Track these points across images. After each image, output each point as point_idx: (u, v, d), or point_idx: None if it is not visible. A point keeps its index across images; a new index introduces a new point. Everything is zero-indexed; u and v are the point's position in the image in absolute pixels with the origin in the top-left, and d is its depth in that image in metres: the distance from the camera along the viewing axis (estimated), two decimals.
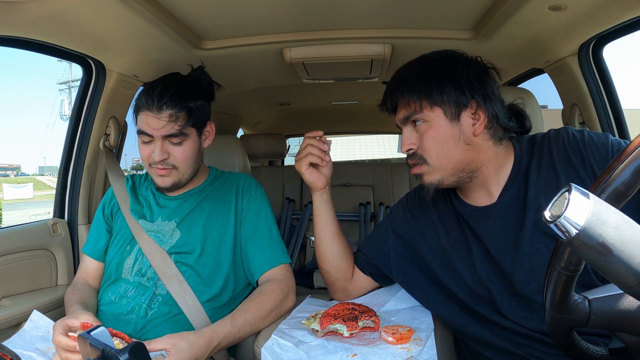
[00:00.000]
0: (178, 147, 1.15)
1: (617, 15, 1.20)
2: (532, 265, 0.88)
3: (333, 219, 1.14)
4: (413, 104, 0.92)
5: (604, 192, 0.48)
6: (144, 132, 1.14)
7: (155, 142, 1.14)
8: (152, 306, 1.10)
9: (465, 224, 0.98)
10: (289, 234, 2.56)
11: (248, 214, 1.23)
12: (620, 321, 0.57)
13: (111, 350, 0.65)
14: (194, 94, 1.18)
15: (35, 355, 0.95)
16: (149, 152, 1.15)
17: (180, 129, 1.13)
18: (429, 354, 0.88)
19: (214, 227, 1.20)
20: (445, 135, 0.91)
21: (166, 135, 1.13)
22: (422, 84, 0.92)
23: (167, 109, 1.12)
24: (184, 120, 1.14)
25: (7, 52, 25.46)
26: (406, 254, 1.09)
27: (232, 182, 1.29)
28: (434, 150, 0.92)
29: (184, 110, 1.14)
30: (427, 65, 0.95)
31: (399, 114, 0.97)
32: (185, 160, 1.17)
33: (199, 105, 1.18)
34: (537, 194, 0.90)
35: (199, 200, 1.25)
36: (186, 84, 1.20)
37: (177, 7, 1.19)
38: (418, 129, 0.94)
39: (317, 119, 3.37)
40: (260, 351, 0.94)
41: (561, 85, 1.61)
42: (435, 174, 0.93)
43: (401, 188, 2.56)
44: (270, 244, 1.21)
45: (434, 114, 0.91)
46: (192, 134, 1.18)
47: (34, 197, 23.38)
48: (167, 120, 1.12)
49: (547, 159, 0.92)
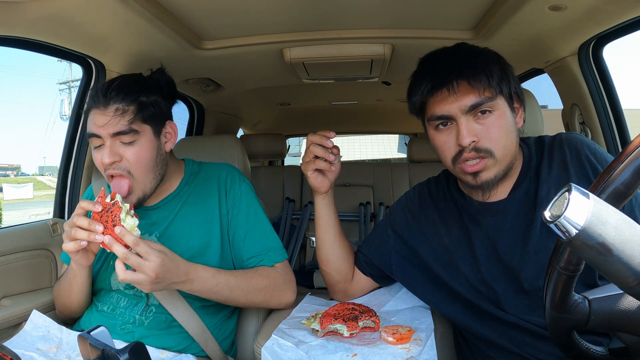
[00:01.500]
0: (130, 148, 1.01)
1: (617, 16, 1.20)
2: (540, 262, 0.88)
3: (335, 221, 1.12)
4: (489, 91, 0.86)
5: (604, 192, 0.48)
6: (92, 133, 1.01)
7: (105, 143, 1.00)
8: (148, 316, 1.07)
9: (468, 221, 0.98)
10: (289, 234, 2.56)
11: (236, 216, 1.14)
12: (620, 321, 0.57)
13: (111, 350, 0.65)
14: (148, 88, 1.05)
15: (36, 356, 0.94)
16: (100, 157, 1.01)
17: (128, 124, 1.00)
18: (429, 354, 0.88)
19: (197, 234, 1.11)
20: (510, 125, 0.90)
21: (115, 133, 0.99)
22: (495, 71, 0.87)
23: (113, 102, 0.99)
24: (133, 114, 1.00)
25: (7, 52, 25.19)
26: (407, 254, 1.09)
27: (212, 178, 1.17)
28: (502, 140, 0.87)
29: (133, 103, 1.01)
30: (485, 55, 0.91)
31: (461, 100, 0.86)
32: (140, 164, 1.02)
33: (152, 100, 1.04)
34: (548, 192, 0.91)
35: (178, 207, 1.13)
36: (138, 79, 1.08)
37: (177, 7, 1.19)
38: (480, 120, 0.87)
39: (317, 119, 3.37)
40: (260, 351, 0.94)
41: (561, 85, 1.62)
42: (495, 168, 0.89)
43: (401, 188, 2.56)
44: (264, 245, 1.14)
45: (502, 102, 0.89)
46: (146, 133, 1.03)
47: (34, 197, 23.38)
48: (113, 114, 0.99)
49: (559, 159, 0.93)
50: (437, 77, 0.88)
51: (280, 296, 1.13)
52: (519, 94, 0.94)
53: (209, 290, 1.01)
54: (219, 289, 1.02)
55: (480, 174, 0.89)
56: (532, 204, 0.92)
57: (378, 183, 2.62)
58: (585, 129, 1.54)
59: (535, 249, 0.89)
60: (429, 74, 0.90)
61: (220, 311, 1.15)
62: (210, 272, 1.01)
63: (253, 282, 1.07)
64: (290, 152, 3.30)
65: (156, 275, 0.88)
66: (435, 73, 0.89)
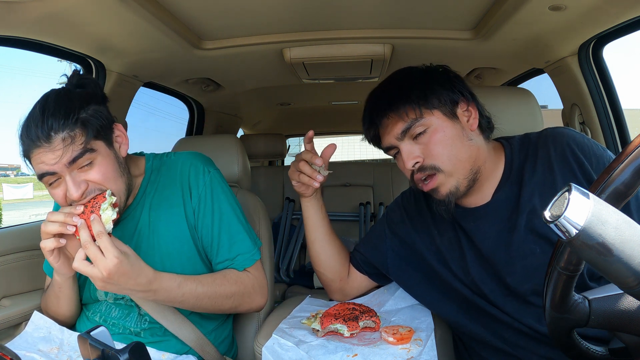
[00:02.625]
0: (91, 170, 0.92)
1: (617, 16, 1.20)
2: (526, 267, 0.87)
3: (323, 220, 1.12)
4: (412, 113, 0.89)
5: (604, 192, 0.48)
6: (44, 173, 0.90)
7: (64, 178, 0.90)
8: (142, 326, 1.05)
9: (457, 225, 0.98)
10: (289, 234, 2.56)
11: (202, 217, 1.06)
12: (620, 321, 0.57)
13: (111, 350, 0.65)
14: (79, 100, 0.93)
15: (37, 357, 0.94)
16: (62, 193, 0.92)
17: (82, 148, 0.89)
18: (429, 355, 0.88)
19: (166, 238, 1.04)
20: (452, 135, 0.90)
21: (70, 161, 0.88)
22: (414, 91, 0.90)
23: (55, 133, 0.87)
24: (83, 135, 0.90)
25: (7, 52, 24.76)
26: (403, 253, 1.09)
27: (174, 174, 1.08)
28: (445, 154, 0.89)
29: (76, 124, 0.89)
30: (406, 78, 0.95)
31: (393, 130, 0.92)
32: (107, 180, 0.93)
33: (91, 111, 0.93)
34: (531, 195, 0.90)
35: (142, 212, 1.05)
36: (63, 96, 0.93)
37: (177, 7, 1.19)
38: (419, 140, 0.90)
39: (317, 119, 3.37)
40: (261, 350, 0.94)
41: (561, 85, 1.62)
42: (451, 181, 0.90)
43: (401, 188, 2.54)
44: (232, 249, 1.07)
45: (434, 117, 0.90)
46: (101, 148, 0.94)
47: (34, 197, 23.37)
48: (62, 145, 0.87)
49: (544, 157, 0.91)
50: (369, 119, 0.97)
51: (250, 302, 1.08)
52: (464, 93, 0.93)
53: (174, 300, 0.96)
54: (185, 298, 0.97)
55: (438, 190, 0.91)
56: (515, 207, 0.91)
57: (378, 183, 2.62)
58: (585, 129, 1.54)
59: (520, 253, 0.88)
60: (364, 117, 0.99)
61: (215, 315, 1.12)
62: (176, 281, 0.95)
63: (221, 290, 1.02)
64: (290, 152, 3.30)
65: (108, 275, 0.83)
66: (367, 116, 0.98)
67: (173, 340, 1.05)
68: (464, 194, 0.92)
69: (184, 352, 1.06)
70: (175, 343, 1.05)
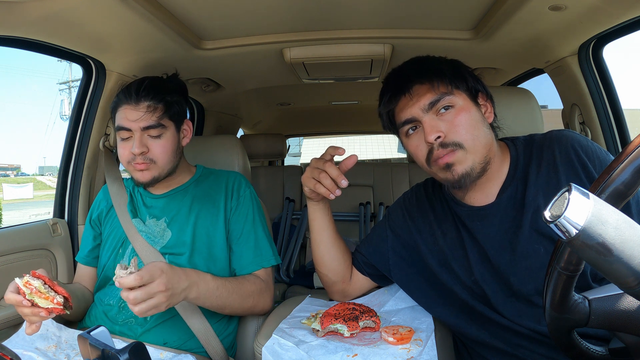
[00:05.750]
0: (157, 141, 1.14)
1: (617, 15, 1.20)
2: (529, 267, 0.87)
3: (328, 223, 1.12)
4: (444, 87, 0.91)
5: (604, 192, 0.48)
6: (122, 127, 1.13)
7: (134, 136, 1.12)
8: None
9: (461, 225, 0.98)
10: (289, 234, 2.56)
11: (236, 215, 1.22)
12: (620, 321, 0.57)
13: (111, 350, 0.65)
14: (171, 88, 1.19)
15: (35, 355, 0.95)
16: (128, 148, 1.13)
17: (158, 120, 1.13)
18: (429, 355, 0.88)
19: (203, 226, 1.19)
20: (476, 118, 0.92)
21: (145, 127, 1.12)
22: (447, 69, 0.93)
23: (144, 100, 1.12)
24: (162, 111, 1.14)
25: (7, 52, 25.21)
26: (404, 254, 1.09)
27: (221, 181, 1.27)
28: (469, 133, 0.89)
29: (161, 102, 1.14)
30: (436, 59, 0.98)
31: (420, 100, 0.91)
32: (164, 154, 1.15)
33: (176, 99, 1.19)
34: (536, 195, 0.90)
35: (187, 200, 1.23)
36: (163, 81, 1.21)
37: (177, 7, 1.19)
38: (443, 116, 0.90)
39: (317, 119, 3.37)
40: (261, 350, 0.94)
41: (561, 85, 1.62)
42: (468, 160, 0.89)
43: (401, 188, 2.56)
44: (255, 247, 1.20)
45: (461, 98, 0.92)
46: (171, 128, 1.17)
47: (34, 197, 23.38)
48: (145, 110, 1.12)
49: (549, 159, 0.92)
50: (395, 87, 0.95)
51: (264, 302, 1.18)
52: (483, 91, 0.97)
53: (212, 293, 1.04)
54: (220, 292, 1.06)
55: (454, 167, 0.90)
56: (520, 207, 0.91)
57: (378, 183, 2.62)
58: (585, 129, 1.54)
59: (524, 253, 0.88)
60: (388, 87, 0.97)
61: None
62: (208, 275, 1.05)
63: (245, 286, 1.13)
64: (290, 152, 3.30)
65: (165, 287, 0.90)
66: (392, 84, 0.96)
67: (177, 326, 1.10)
68: (475, 178, 0.91)
69: (184, 340, 1.10)
70: (178, 330, 1.10)
